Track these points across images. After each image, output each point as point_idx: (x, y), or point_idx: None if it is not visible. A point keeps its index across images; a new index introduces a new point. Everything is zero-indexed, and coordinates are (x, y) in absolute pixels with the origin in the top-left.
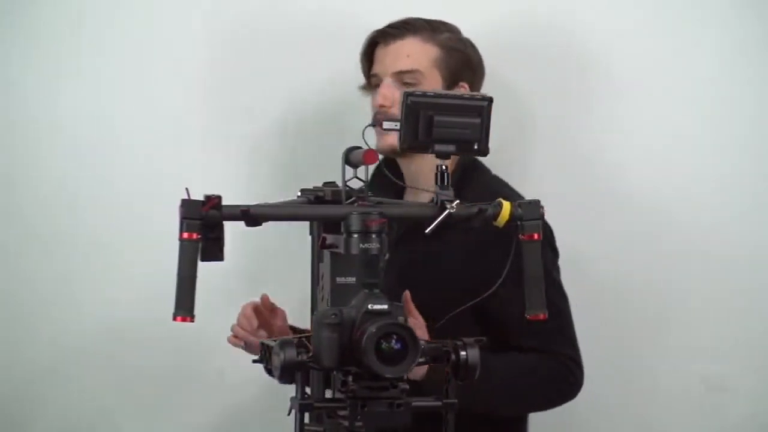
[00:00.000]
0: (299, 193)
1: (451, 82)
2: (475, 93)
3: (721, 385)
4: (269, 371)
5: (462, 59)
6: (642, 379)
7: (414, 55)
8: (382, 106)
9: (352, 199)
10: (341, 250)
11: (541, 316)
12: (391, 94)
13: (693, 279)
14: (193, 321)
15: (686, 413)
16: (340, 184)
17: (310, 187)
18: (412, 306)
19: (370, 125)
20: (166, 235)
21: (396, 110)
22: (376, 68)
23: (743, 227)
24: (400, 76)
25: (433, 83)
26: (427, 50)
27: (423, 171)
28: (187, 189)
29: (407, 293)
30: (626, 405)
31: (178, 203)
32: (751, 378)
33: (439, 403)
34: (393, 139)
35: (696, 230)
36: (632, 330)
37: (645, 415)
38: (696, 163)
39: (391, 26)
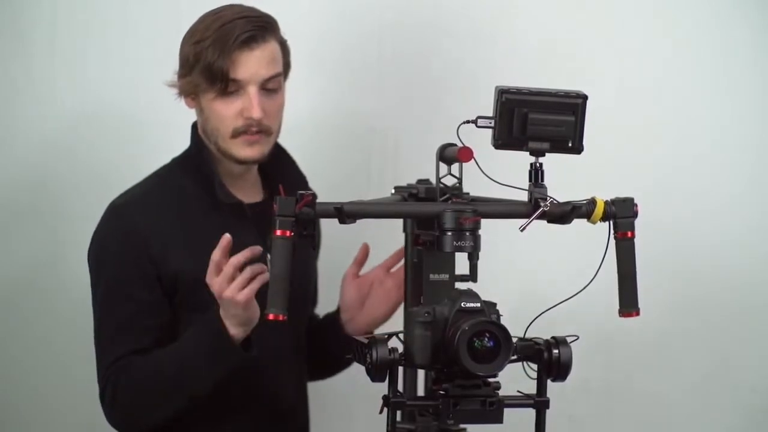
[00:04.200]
0: (393, 191)
1: (284, 80)
2: (569, 90)
3: None
4: (368, 369)
5: (287, 52)
6: None
7: (277, 58)
8: (261, 118)
9: (446, 196)
10: (435, 247)
11: (634, 314)
12: (264, 105)
13: None
14: (285, 319)
15: None
16: (433, 181)
17: (404, 184)
18: None
19: (465, 122)
20: None
21: (267, 120)
22: (240, 74)
23: None
24: (265, 82)
25: (282, 85)
26: (279, 50)
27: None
28: (281, 187)
29: None
30: None
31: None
32: None
33: (531, 401)
34: (263, 148)
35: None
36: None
37: None
38: None
39: (255, 27)
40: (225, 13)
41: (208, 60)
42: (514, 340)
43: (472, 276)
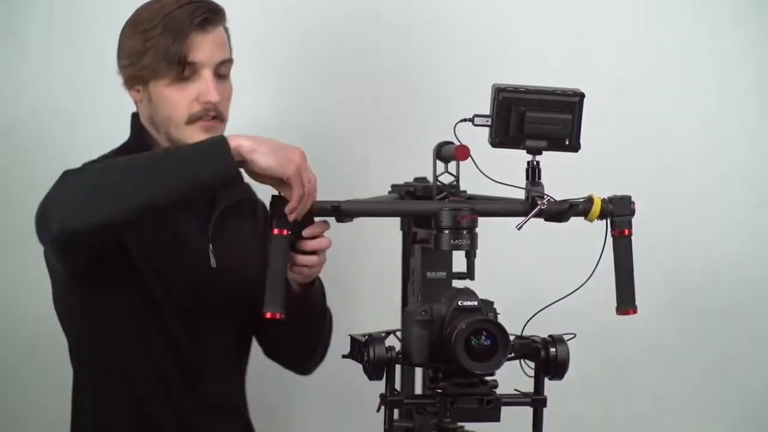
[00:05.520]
0: (390, 189)
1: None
2: (566, 88)
3: None
4: (365, 368)
5: (230, 39)
6: None
7: (227, 43)
8: (217, 102)
9: (443, 194)
10: (432, 245)
11: (631, 312)
12: (218, 90)
13: None
14: (283, 317)
15: None
16: (431, 179)
17: (401, 182)
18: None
19: (462, 120)
20: None
21: (221, 106)
22: (197, 56)
23: None
24: (218, 67)
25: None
26: (226, 36)
27: None
28: None
29: None
30: None
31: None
32: None
33: (528, 399)
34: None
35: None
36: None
37: None
38: None
39: (207, 11)
40: (167, 0)
41: (162, 45)
42: (512, 338)
43: (470, 274)
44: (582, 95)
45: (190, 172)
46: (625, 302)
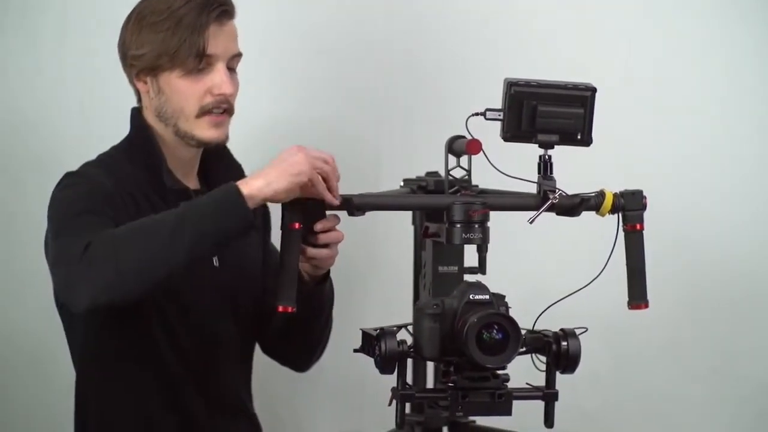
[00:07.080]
0: (402, 183)
1: None
2: (578, 83)
3: None
4: (377, 362)
5: None
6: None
7: (237, 37)
8: (231, 95)
9: (455, 188)
10: (443, 239)
11: (643, 306)
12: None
13: None
14: (294, 310)
15: None
16: (443, 173)
17: (413, 176)
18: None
19: (474, 114)
20: None
21: (232, 99)
22: (214, 49)
23: None
24: (230, 60)
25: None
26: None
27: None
28: None
29: None
30: None
31: None
32: None
33: (540, 393)
34: (226, 130)
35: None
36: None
37: None
38: None
39: (224, 3)
40: None
41: (180, 36)
42: (523, 332)
43: (481, 268)
44: (594, 89)
45: (213, 231)
46: (637, 297)
